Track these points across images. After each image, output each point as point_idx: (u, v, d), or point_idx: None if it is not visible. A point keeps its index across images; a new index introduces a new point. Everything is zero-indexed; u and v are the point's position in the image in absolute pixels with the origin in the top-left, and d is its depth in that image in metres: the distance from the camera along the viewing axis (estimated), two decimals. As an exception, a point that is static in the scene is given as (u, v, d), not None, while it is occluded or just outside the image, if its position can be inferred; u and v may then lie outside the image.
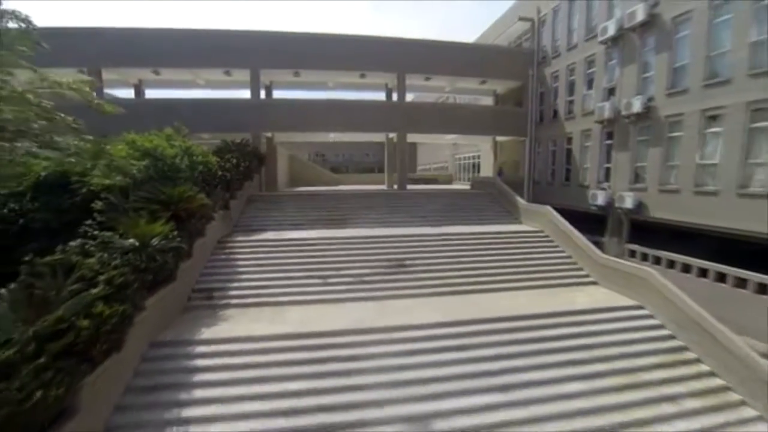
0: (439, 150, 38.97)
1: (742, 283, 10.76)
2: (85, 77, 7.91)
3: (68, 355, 5.01)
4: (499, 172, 23.70)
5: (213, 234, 11.41)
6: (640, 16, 13.47)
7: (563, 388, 7.05)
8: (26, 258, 6.23)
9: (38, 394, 4.47)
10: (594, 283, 11.09)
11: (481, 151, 27.98)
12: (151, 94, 22.65)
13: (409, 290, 10.14)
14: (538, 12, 20.15)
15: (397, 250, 11.81)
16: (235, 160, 14.21)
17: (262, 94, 20.81)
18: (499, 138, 23.93)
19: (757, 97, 10.33)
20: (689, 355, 8.19)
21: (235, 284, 9.96)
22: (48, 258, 6.32)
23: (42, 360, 4.70)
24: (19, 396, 4.34)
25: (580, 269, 11.66)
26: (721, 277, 11.27)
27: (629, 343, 8.36)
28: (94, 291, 5.81)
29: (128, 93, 21.94)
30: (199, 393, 6.39)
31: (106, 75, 18.25)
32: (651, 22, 13.41)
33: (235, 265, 10.86)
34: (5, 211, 10.93)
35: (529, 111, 20.84)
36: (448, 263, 11.43)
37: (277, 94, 23.42)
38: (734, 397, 7.33)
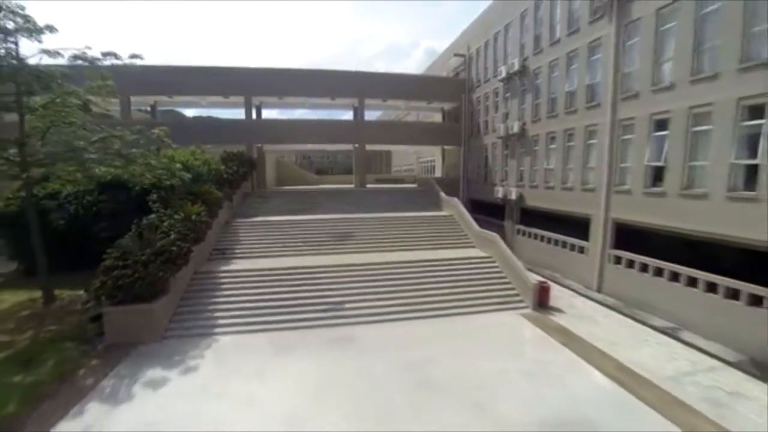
0: (408, 155, 45.03)
1: (565, 244, 16.88)
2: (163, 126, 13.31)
3: (167, 263, 10.76)
4: (446, 174, 29.72)
5: (222, 217, 17.12)
6: (517, 66, 19.56)
7: (426, 292, 12.99)
8: (135, 221, 11.87)
9: (160, 274, 10.25)
10: (473, 246, 17.11)
11: (435, 156, 34.06)
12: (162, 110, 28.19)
13: (349, 249, 16.04)
14: (468, 50, 26.18)
15: (346, 227, 17.69)
16: (235, 167, 19.89)
17: (253, 113, 26.45)
18: (446, 147, 30.01)
19: (568, 126, 16.44)
20: (505, 279, 14.21)
21: (239, 246, 15.74)
22: (144, 221, 12.01)
23: (158, 262, 10.46)
24: (153, 272, 10.11)
25: (467, 237, 17.68)
26: (558, 242, 17.37)
27: (474, 273, 14.36)
28: (172, 237, 11.54)
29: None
30: (226, 291, 12.24)
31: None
32: (523, 71, 19.51)
33: (238, 236, 16.63)
34: (84, 201, 16.56)
35: (462, 126, 26.90)
36: (378, 235, 17.36)
37: (266, 110, 29.17)
38: (518, 298, 13.36)
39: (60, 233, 16.38)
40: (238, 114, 25.28)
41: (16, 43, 11.05)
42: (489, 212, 23.29)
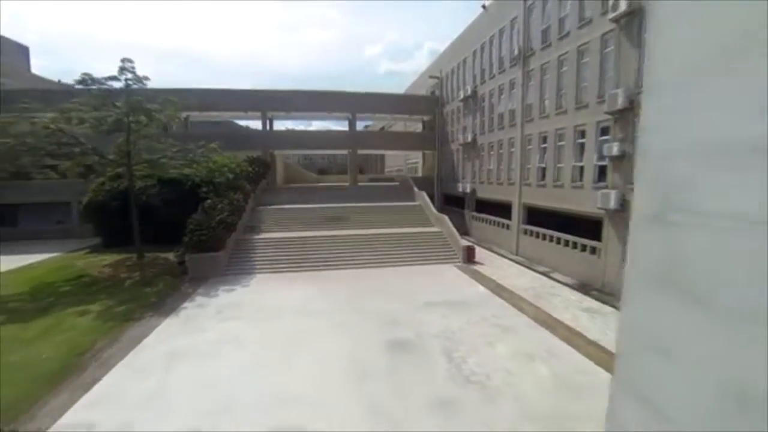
0: (399, 158, 51.34)
1: (499, 224, 23.18)
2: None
3: (225, 229, 17.15)
4: (425, 174, 36.04)
5: (250, 205, 23.52)
6: (470, 91, 25.91)
7: (392, 251, 19.34)
8: (200, 204, 18.26)
9: (221, 235, 16.67)
10: (432, 225, 23.45)
11: (418, 159, 40.42)
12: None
13: (340, 226, 22.41)
14: (440, 73, 32.51)
15: (338, 212, 24.08)
16: (257, 168, 26.29)
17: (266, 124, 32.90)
18: (425, 151, 36.36)
19: (500, 138, 22.73)
20: (449, 244, 20.53)
21: (263, 224, 22.16)
22: (207, 204, 18.40)
23: (220, 228, 16.85)
24: (218, 234, 16.52)
25: (428, 219, 24.04)
26: (495, 222, 23.68)
27: (426, 241, 20.71)
28: (225, 213, 17.92)
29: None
30: (259, 250, 18.63)
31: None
32: (474, 95, 25.85)
33: (262, 217, 23.05)
34: (152, 192, 22.95)
35: (436, 135, 33.23)
36: (361, 217, 23.73)
37: (277, 122, 35.58)
38: (455, 256, 19.67)
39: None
40: (242, 120, 31.67)
41: (130, 91, 17.47)
42: (456, 203, 29.62)
